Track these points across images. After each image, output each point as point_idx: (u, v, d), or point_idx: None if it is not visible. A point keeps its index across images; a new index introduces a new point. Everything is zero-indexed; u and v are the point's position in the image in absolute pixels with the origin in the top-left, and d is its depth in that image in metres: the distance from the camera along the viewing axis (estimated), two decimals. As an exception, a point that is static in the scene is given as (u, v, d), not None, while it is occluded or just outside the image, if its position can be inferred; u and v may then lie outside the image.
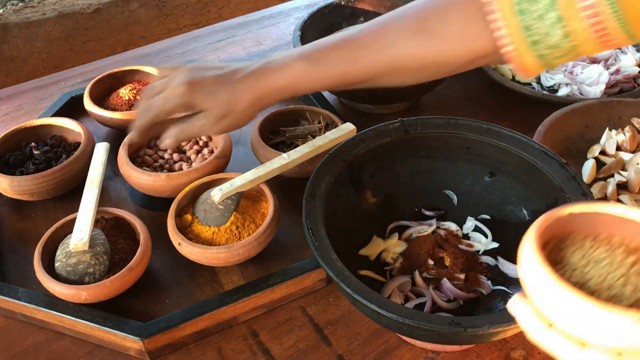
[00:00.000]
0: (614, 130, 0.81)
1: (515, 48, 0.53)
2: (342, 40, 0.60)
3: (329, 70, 0.59)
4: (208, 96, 0.59)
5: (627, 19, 0.49)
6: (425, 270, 0.64)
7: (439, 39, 0.57)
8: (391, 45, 0.58)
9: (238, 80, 0.59)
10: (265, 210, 0.69)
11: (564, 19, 0.50)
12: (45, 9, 1.23)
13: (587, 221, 0.44)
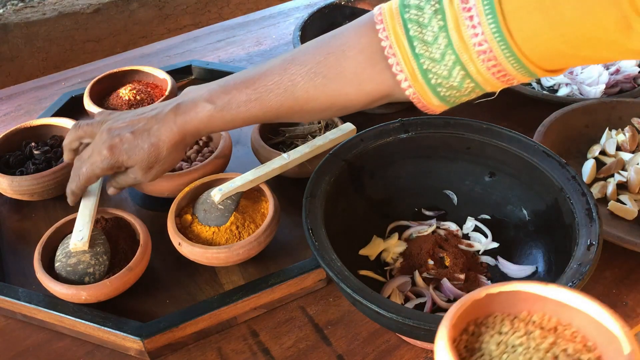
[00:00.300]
0: (614, 130, 0.81)
1: (415, 91, 0.54)
2: (246, 81, 0.59)
3: (236, 113, 0.59)
4: (131, 153, 0.62)
5: (521, 58, 0.47)
6: (425, 270, 0.64)
7: (335, 82, 0.56)
8: (292, 88, 0.57)
9: (154, 130, 0.61)
10: (265, 210, 0.69)
11: (462, 61, 0.49)
12: (45, 9, 1.23)
13: (506, 301, 0.43)
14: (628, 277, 0.67)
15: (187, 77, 1.03)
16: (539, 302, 0.43)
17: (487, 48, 0.47)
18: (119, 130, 0.62)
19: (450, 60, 0.49)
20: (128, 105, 0.88)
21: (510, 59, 0.47)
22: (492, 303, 0.43)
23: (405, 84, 0.53)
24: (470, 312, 0.43)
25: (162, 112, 0.61)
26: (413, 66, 0.51)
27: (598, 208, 0.57)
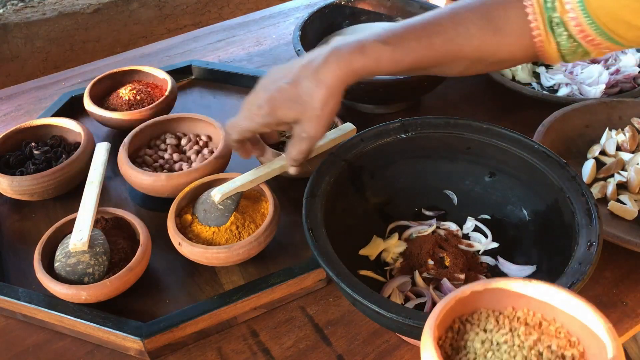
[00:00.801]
0: (614, 130, 0.81)
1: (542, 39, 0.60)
2: (419, 25, 0.62)
3: (406, 54, 0.60)
4: (292, 105, 0.58)
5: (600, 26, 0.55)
6: (425, 270, 0.64)
7: (501, 33, 0.61)
8: (464, 34, 0.61)
9: (314, 74, 0.57)
10: (265, 210, 0.69)
11: (564, 22, 0.57)
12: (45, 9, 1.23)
13: (491, 298, 0.44)
14: (628, 277, 0.67)
15: (187, 77, 1.03)
16: (524, 298, 0.43)
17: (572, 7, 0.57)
18: (274, 83, 0.59)
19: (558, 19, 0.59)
20: (128, 106, 0.88)
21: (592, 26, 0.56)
22: (477, 300, 0.44)
23: (536, 32, 0.60)
24: (455, 309, 0.43)
25: (319, 57, 0.58)
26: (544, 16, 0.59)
27: (598, 208, 0.57)
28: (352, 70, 0.58)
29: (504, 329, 0.43)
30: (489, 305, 0.45)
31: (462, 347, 0.43)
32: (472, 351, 0.42)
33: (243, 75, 1.00)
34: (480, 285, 0.43)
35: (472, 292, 0.43)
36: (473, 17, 0.61)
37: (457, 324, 0.44)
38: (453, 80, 0.98)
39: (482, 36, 0.61)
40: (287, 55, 1.10)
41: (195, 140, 0.82)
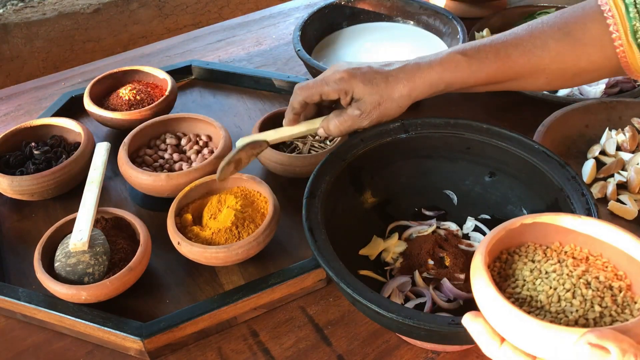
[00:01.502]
0: (614, 130, 0.81)
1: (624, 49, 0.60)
2: (495, 40, 0.64)
3: (483, 65, 0.62)
4: (365, 84, 0.61)
5: None
6: (425, 270, 0.64)
7: (580, 43, 0.62)
8: (541, 46, 0.62)
9: (393, 72, 0.63)
10: (265, 210, 0.69)
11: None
12: (45, 9, 1.23)
13: (539, 232, 0.45)
14: (628, 277, 0.67)
15: (187, 77, 1.03)
16: (571, 234, 0.44)
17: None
18: (357, 64, 0.63)
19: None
20: (128, 106, 0.88)
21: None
22: (525, 233, 0.45)
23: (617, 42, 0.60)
24: (504, 241, 0.45)
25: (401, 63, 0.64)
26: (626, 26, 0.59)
27: (598, 208, 0.57)
28: (426, 80, 0.62)
29: (552, 260, 0.43)
30: (536, 240, 0.46)
31: (510, 275, 0.44)
32: (521, 278, 0.43)
33: (243, 75, 1.00)
34: (529, 218, 0.45)
35: (522, 225, 0.44)
36: (550, 30, 0.62)
37: (505, 254, 0.45)
38: (453, 80, 0.98)
39: (560, 47, 0.62)
40: (287, 55, 1.10)
41: (195, 140, 0.82)
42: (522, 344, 0.38)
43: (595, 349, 0.34)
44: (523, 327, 0.37)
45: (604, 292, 0.41)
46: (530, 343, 0.38)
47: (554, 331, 0.36)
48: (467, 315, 0.42)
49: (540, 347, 0.37)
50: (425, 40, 0.99)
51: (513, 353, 0.39)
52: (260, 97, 0.99)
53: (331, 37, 1.01)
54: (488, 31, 1.03)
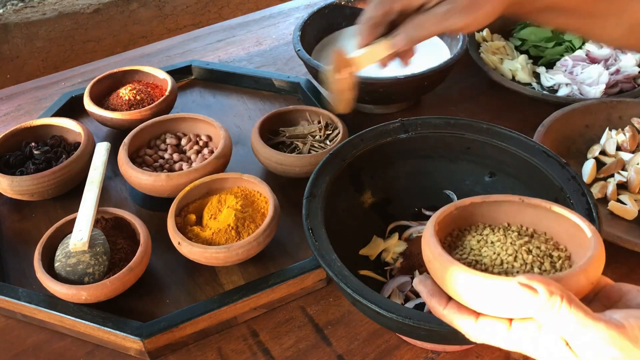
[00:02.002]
0: (614, 130, 0.81)
1: None
2: None
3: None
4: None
5: None
6: (425, 270, 0.64)
7: None
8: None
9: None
10: (265, 210, 0.69)
11: None
12: (45, 9, 1.23)
13: (488, 212, 0.49)
14: (628, 277, 0.67)
15: (187, 77, 1.03)
16: (519, 215, 0.48)
17: None
18: None
19: None
20: (128, 106, 0.88)
21: None
22: (475, 213, 0.49)
23: None
24: (455, 219, 0.48)
25: None
26: None
27: (598, 208, 0.57)
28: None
29: (498, 233, 0.47)
30: (485, 220, 0.49)
31: (459, 246, 0.47)
32: (468, 247, 0.46)
33: (243, 75, 1.00)
34: (479, 198, 0.48)
35: (471, 203, 0.48)
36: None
37: (456, 231, 0.49)
38: (453, 80, 0.98)
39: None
40: (287, 55, 1.10)
41: (195, 140, 0.82)
42: (467, 299, 0.41)
43: (525, 289, 0.36)
44: (466, 282, 0.40)
45: (544, 259, 0.44)
46: (473, 298, 0.40)
47: (491, 281, 0.39)
48: (417, 277, 0.45)
49: (481, 301, 0.40)
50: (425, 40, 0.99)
51: (458, 311, 0.41)
52: (260, 97, 0.99)
53: (331, 37, 1.01)
54: (488, 31, 1.03)
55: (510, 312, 0.39)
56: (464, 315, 0.41)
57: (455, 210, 0.48)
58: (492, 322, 0.40)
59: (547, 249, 0.45)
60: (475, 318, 0.41)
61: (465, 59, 0.93)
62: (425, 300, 0.44)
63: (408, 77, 0.82)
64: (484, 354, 0.61)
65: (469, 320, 0.41)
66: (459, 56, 0.87)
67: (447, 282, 0.41)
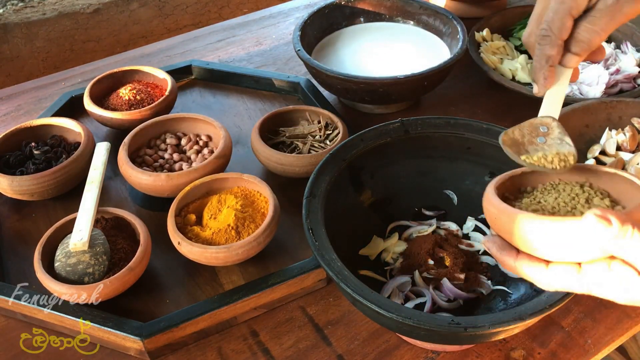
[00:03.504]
0: (614, 130, 0.81)
1: None
2: None
3: None
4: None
5: None
6: (425, 270, 0.64)
7: None
8: None
9: None
10: (265, 210, 0.69)
11: None
12: (45, 9, 1.23)
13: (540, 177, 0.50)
14: (628, 277, 0.67)
15: (187, 77, 1.03)
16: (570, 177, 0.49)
17: None
18: None
19: None
20: (128, 106, 0.88)
21: None
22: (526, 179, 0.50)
23: None
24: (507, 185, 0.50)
25: None
26: None
27: (598, 208, 0.57)
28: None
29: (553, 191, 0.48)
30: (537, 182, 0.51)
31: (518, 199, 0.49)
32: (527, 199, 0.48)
33: (243, 75, 1.00)
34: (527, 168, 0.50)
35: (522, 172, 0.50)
36: None
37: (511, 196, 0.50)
38: (453, 80, 0.98)
39: None
40: (287, 55, 1.10)
41: (195, 140, 0.82)
42: (537, 247, 0.41)
43: (599, 220, 0.37)
44: (535, 229, 0.40)
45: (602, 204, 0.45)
46: (543, 244, 0.41)
47: (560, 222, 0.39)
48: (485, 237, 0.46)
49: (552, 246, 0.40)
50: (425, 40, 0.99)
51: (528, 261, 0.42)
52: (260, 97, 0.99)
53: (331, 37, 1.01)
54: (488, 31, 1.03)
55: (580, 255, 0.40)
56: (535, 264, 0.42)
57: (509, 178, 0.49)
58: (563, 267, 0.41)
59: (602, 198, 0.46)
60: (545, 265, 0.42)
61: (465, 59, 0.93)
62: (496, 256, 0.45)
63: (408, 77, 0.82)
64: (484, 354, 0.61)
65: (540, 267, 0.42)
66: (459, 56, 0.87)
67: (516, 233, 0.42)
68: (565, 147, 0.51)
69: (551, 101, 0.58)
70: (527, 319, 0.48)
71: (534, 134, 0.54)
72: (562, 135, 0.53)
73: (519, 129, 0.54)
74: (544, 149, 0.51)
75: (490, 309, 0.61)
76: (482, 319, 0.48)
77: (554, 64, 0.53)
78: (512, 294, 0.62)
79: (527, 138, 0.54)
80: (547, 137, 0.54)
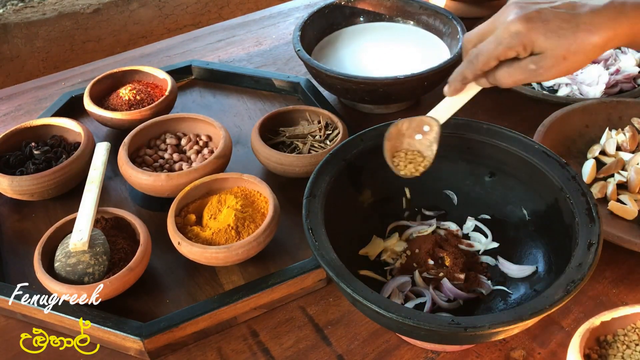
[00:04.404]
0: (614, 130, 0.81)
1: None
2: None
3: None
4: (549, 34, 0.50)
5: None
6: (425, 270, 0.64)
7: None
8: None
9: (585, 17, 0.51)
10: (265, 210, 0.69)
11: None
12: (45, 9, 1.23)
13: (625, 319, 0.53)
14: (628, 277, 0.67)
15: (187, 77, 1.03)
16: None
17: None
18: (535, 5, 0.52)
19: None
20: (128, 106, 0.88)
21: None
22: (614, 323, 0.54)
23: None
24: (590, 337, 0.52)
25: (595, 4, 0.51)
26: None
27: (598, 208, 0.57)
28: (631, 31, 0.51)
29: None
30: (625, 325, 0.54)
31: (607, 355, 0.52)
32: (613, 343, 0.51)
33: (243, 75, 1.00)
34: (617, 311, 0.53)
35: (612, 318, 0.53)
36: None
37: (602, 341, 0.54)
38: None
39: None
40: (287, 55, 1.10)
41: (195, 140, 0.82)
42: None
43: None
44: None
45: None
46: None
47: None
48: None
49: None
50: (425, 40, 0.99)
51: None
52: (260, 97, 0.99)
53: (331, 37, 1.01)
54: (488, 31, 1.03)
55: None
56: None
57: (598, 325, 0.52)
58: None
59: None
60: None
61: (465, 59, 0.93)
62: None
63: (408, 77, 0.82)
64: (484, 354, 0.61)
65: None
66: (459, 56, 0.86)
67: None
68: (428, 152, 0.55)
69: (447, 106, 0.60)
70: (527, 319, 0.48)
71: (417, 130, 0.58)
72: (434, 141, 0.57)
73: (409, 122, 0.57)
74: (415, 146, 0.56)
75: (490, 309, 0.61)
76: (482, 319, 0.48)
77: (466, 83, 0.58)
78: (512, 294, 0.62)
79: (409, 132, 0.59)
80: (424, 137, 0.58)
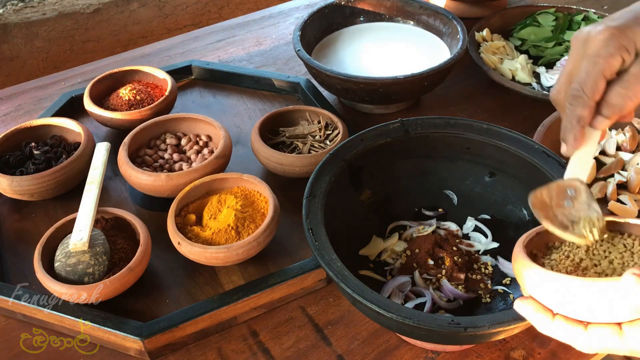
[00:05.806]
0: (614, 130, 0.81)
1: None
2: None
3: None
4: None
5: None
6: (425, 270, 0.64)
7: None
8: None
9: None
10: (265, 210, 0.69)
11: None
12: (45, 9, 1.23)
13: None
14: (628, 277, 0.67)
15: (187, 77, 1.03)
16: None
17: None
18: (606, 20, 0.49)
19: None
20: (128, 106, 0.88)
21: None
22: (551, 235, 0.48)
23: None
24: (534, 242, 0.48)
25: None
26: None
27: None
28: None
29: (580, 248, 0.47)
30: None
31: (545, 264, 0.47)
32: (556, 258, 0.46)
33: (243, 75, 1.00)
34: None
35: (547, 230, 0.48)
36: None
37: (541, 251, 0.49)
38: (453, 80, 0.98)
39: None
40: (287, 55, 1.10)
41: (195, 140, 0.82)
42: (572, 310, 0.40)
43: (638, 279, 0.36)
44: (569, 290, 0.39)
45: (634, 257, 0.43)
46: (580, 307, 0.39)
47: (598, 284, 0.38)
48: (518, 299, 0.43)
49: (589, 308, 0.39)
50: (425, 40, 0.99)
51: (565, 323, 0.40)
52: (260, 97, 0.99)
53: (331, 37, 1.01)
54: (488, 31, 1.03)
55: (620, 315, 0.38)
56: (573, 326, 0.40)
57: (536, 235, 0.48)
58: (602, 329, 0.39)
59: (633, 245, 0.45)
60: (584, 327, 0.40)
61: (465, 59, 0.93)
62: (531, 319, 0.42)
63: (408, 77, 0.82)
64: (484, 354, 0.61)
65: (579, 330, 0.40)
66: (459, 56, 0.87)
67: (551, 296, 0.41)
68: (593, 213, 0.48)
69: (579, 163, 0.53)
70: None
71: (562, 197, 0.51)
72: (589, 201, 0.50)
73: (547, 190, 0.51)
74: (572, 214, 0.49)
75: (490, 309, 0.61)
76: (482, 319, 0.48)
77: (585, 124, 0.50)
78: (512, 293, 0.62)
79: (555, 201, 0.51)
80: (575, 201, 0.51)
